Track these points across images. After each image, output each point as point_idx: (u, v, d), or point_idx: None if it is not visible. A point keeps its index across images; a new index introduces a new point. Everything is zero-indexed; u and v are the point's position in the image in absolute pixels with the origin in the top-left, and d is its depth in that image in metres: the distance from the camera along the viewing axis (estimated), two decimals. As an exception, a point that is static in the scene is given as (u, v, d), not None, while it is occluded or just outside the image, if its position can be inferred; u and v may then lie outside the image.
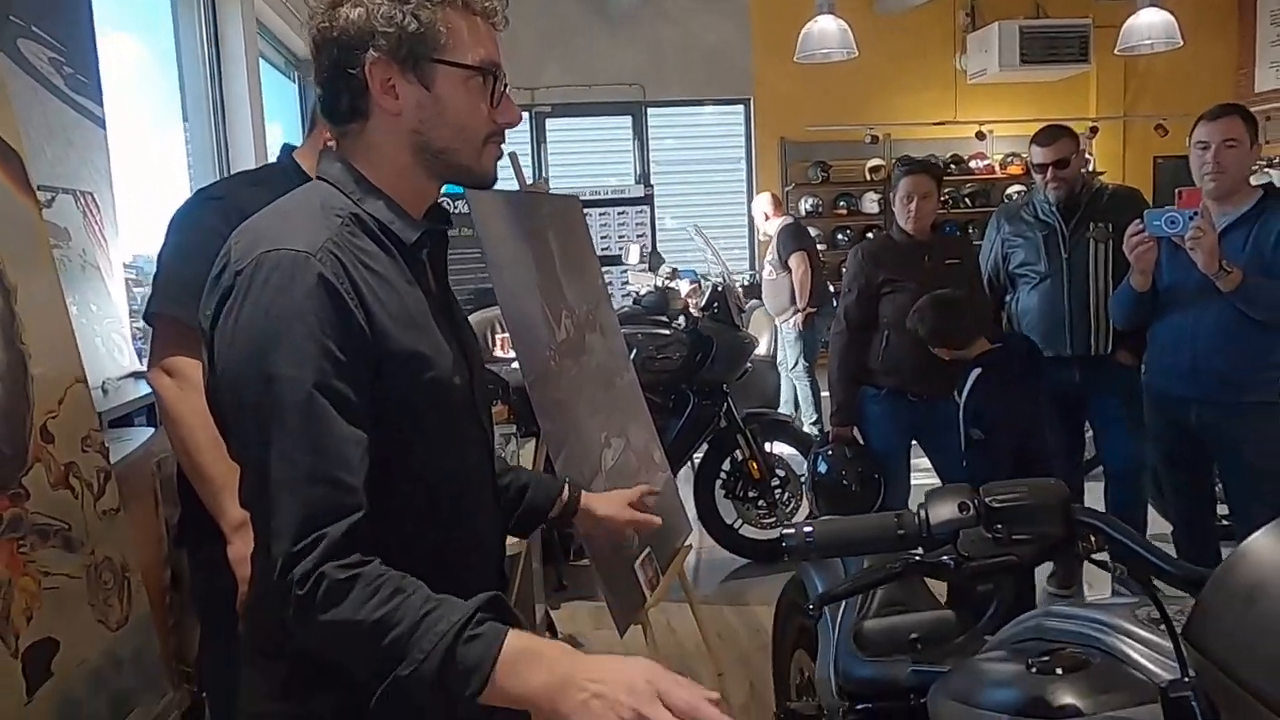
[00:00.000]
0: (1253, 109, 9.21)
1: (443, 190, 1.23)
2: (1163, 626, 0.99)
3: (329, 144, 1.20)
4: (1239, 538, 2.88)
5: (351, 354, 1.02)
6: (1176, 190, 2.75)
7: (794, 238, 5.90)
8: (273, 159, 4.67)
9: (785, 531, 1.00)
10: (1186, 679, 0.85)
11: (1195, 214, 2.64)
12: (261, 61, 4.64)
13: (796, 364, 5.90)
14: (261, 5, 4.69)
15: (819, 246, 7.26)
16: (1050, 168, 3.33)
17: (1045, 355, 3.31)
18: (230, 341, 1.02)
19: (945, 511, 0.94)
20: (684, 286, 4.81)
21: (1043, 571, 3.53)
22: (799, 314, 5.77)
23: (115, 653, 1.39)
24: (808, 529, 0.99)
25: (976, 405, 2.95)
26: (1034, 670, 1.07)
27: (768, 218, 6.19)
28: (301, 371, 0.98)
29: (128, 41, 3.78)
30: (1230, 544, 4.00)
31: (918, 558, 0.93)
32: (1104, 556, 0.96)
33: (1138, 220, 2.77)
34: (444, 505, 1.15)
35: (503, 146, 1.22)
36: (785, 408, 5.93)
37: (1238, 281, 2.62)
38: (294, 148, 1.85)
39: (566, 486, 1.53)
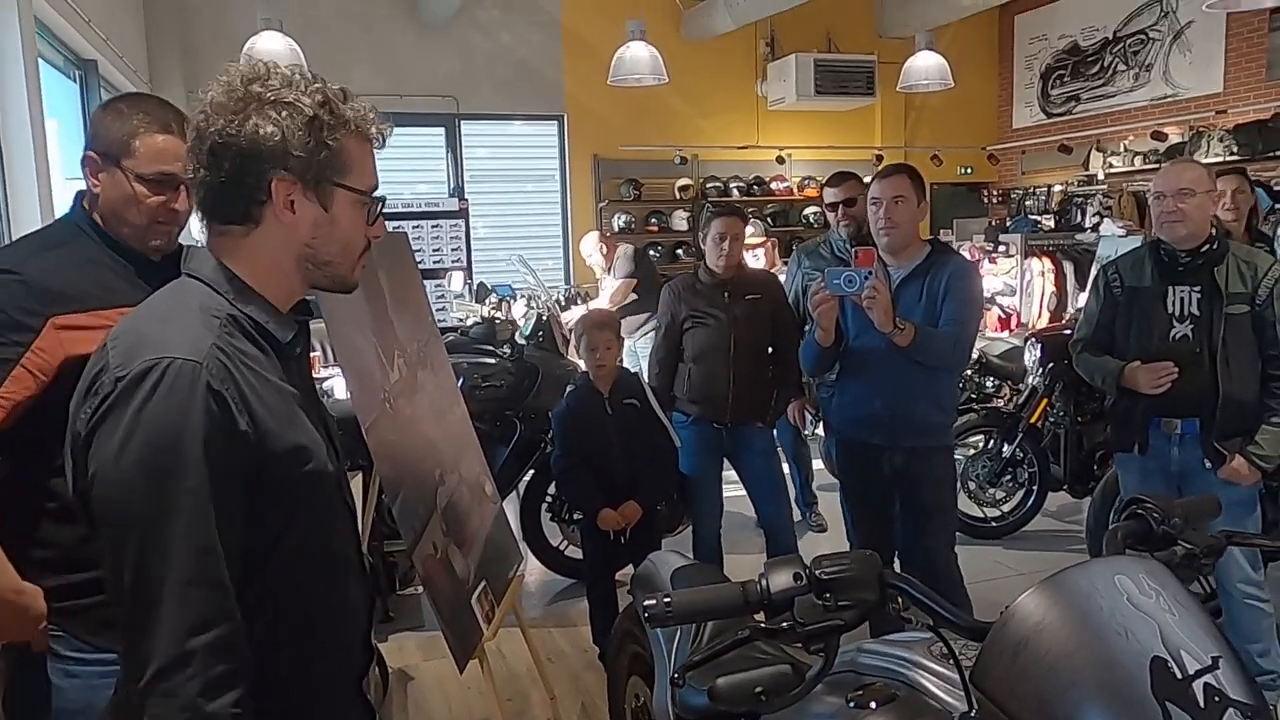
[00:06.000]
0: (1011, 144, 10.27)
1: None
2: (952, 661, 1.21)
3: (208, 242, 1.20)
4: (902, 565, 3.11)
5: (235, 459, 1.06)
6: (854, 249, 2.86)
7: (630, 261, 5.96)
8: (54, 161, 4.33)
9: (647, 603, 1.13)
10: (973, 713, 1.05)
11: (870, 273, 2.70)
12: (40, 61, 4.32)
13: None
14: (41, 3, 4.37)
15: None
16: (841, 205, 3.73)
17: None
18: (115, 447, 1.02)
19: (782, 581, 1.10)
20: (519, 309, 4.83)
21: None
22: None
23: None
24: (667, 600, 1.12)
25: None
26: (851, 705, 1.26)
27: (605, 254, 6.23)
28: (188, 479, 1.02)
29: None
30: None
31: (763, 624, 1.09)
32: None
33: (820, 278, 2.84)
34: (318, 582, 1.21)
35: None
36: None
37: (911, 337, 2.75)
38: (84, 194, 1.71)
39: None
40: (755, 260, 5.52)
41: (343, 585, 1.25)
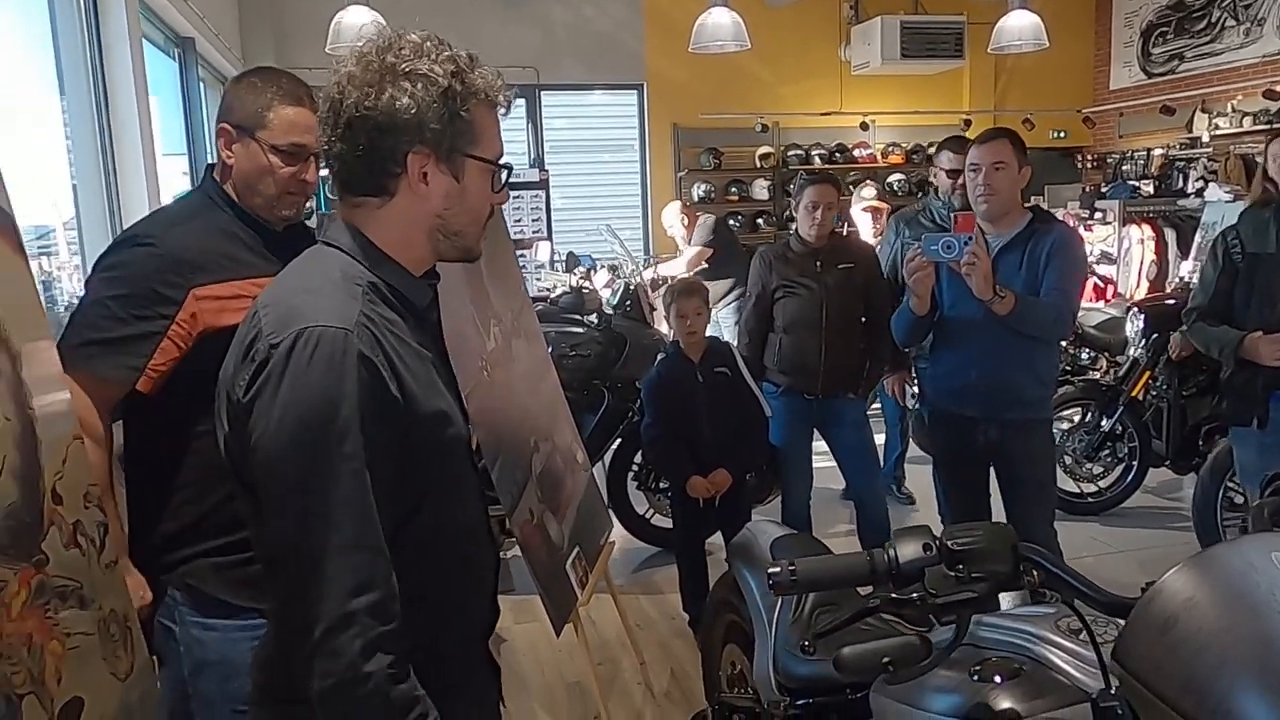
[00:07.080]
0: (1108, 106, 9.76)
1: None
2: (1082, 636, 1.17)
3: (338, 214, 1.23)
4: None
5: (386, 425, 1.07)
6: (952, 214, 2.75)
7: (708, 231, 5.94)
8: (158, 137, 4.45)
9: (772, 570, 1.12)
10: (1113, 691, 1.02)
11: (970, 239, 2.63)
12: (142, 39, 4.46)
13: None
14: (142, -17, 4.51)
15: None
16: (962, 173, 3.56)
17: None
18: (273, 415, 1.05)
19: (911, 552, 1.08)
20: (601, 278, 4.84)
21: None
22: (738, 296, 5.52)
23: (126, 701, 1.41)
24: (791, 568, 1.11)
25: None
26: (975, 678, 1.23)
27: (686, 225, 6.20)
28: (345, 445, 1.04)
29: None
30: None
31: (893, 595, 1.07)
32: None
33: (917, 244, 2.77)
34: (453, 543, 1.23)
35: None
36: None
37: (1011, 305, 2.67)
38: (214, 166, 1.76)
39: None
40: (875, 224, 5.36)
41: (474, 546, 1.28)
